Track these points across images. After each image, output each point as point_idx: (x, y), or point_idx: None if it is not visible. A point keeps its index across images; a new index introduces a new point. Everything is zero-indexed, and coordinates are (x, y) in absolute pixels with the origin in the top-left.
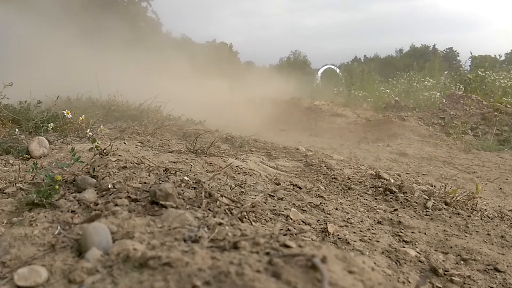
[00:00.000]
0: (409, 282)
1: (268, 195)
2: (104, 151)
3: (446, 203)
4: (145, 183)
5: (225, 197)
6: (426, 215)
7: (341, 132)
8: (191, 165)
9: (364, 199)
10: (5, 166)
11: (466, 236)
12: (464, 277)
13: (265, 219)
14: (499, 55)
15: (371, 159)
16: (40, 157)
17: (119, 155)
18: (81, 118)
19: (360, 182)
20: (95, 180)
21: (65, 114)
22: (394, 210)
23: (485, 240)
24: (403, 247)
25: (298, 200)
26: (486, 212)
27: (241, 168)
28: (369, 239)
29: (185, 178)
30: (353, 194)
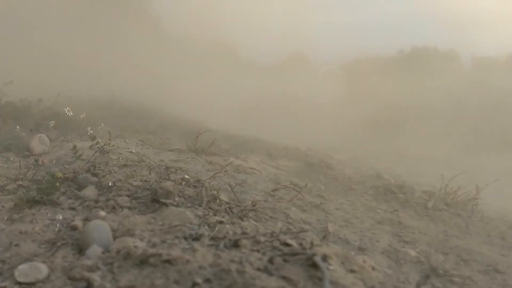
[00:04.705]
0: (409, 282)
1: (268, 194)
2: (105, 148)
3: (446, 204)
4: (145, 181)
5: (225, 195)
6: (426, 215)
7: (342, 132)
8: (192, 164)
9: (365, 199)
10: (5, 163)
11: (466, 237)
12: (464, 278)
13: (265, 218)
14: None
15: (371, 159)
16: (41, 155)
17: (120, 153)
18: (81, 116)
19: (361, 182)
20: (96, 178)
21: (66, 112)
22: (395, 210)
23: (485, 241)
24: (403, 247)
25: (299, 199)
26: (487, 214)
27: (241, 167)
28: (370, 239)
29: (186, 176)
30: (353, 194)
